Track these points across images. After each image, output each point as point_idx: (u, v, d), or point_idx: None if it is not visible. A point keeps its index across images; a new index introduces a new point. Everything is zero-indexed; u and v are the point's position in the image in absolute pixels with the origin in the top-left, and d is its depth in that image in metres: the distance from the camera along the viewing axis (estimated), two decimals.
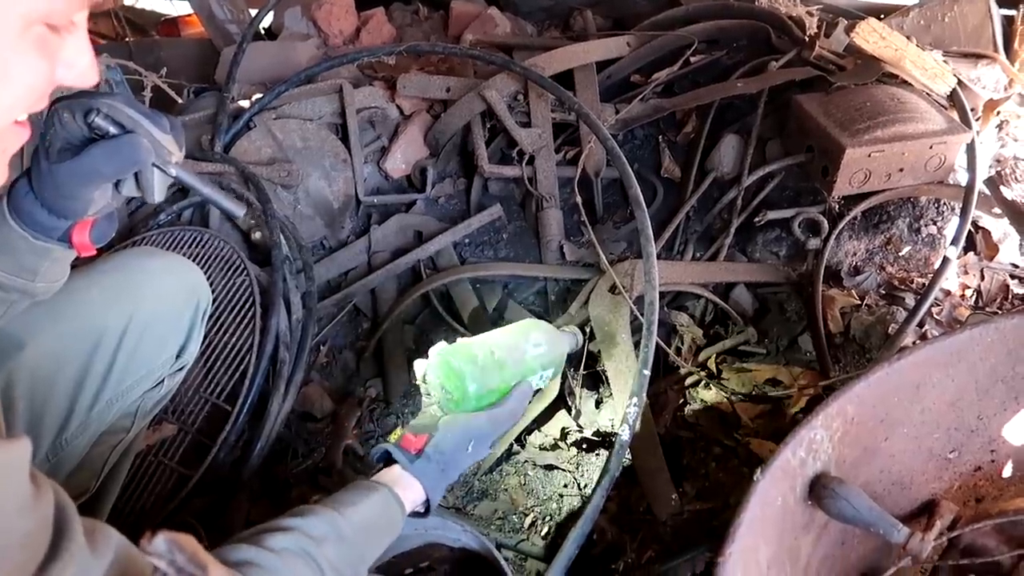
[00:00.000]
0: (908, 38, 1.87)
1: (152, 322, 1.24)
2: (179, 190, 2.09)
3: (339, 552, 0.81)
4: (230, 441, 1.58)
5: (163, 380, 1.32)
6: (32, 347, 1.12)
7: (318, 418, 1.80)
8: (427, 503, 1.08)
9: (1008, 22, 2.36)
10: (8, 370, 1.10)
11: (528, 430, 1.76)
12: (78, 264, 1.08)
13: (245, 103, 2.30)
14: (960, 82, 1.90)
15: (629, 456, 1.60)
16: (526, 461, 1.73)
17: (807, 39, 1.83)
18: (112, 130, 0.88)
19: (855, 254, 1.89)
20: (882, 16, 2.40)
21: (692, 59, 2.13)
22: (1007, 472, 1.25)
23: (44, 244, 0.94)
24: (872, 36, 1.80)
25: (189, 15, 3.32)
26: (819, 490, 1.12)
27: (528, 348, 1.21)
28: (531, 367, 1.23)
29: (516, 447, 1.76)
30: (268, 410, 1.61)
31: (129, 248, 1.48)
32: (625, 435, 1.35)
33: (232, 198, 1.00)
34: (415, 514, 1.09)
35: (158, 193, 0.94)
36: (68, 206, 0.92)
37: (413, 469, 1.05)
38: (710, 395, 1.72)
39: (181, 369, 1.36)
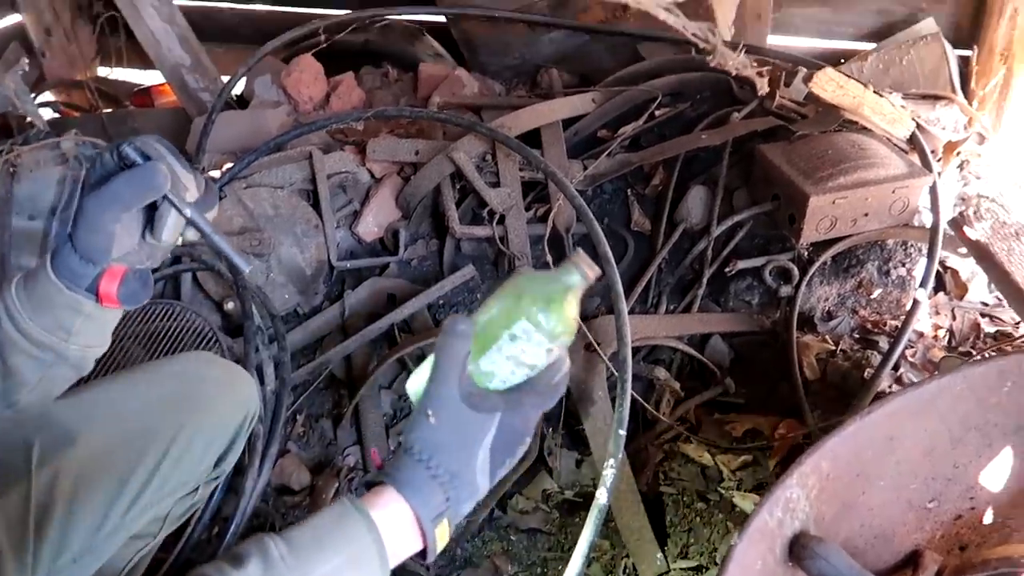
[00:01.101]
0: (866, 84, 1.90)
1: (200, 432, 1.25)
2: None
3: (265, 572, 0.72)
4: (205, 521, 1.55)
5: (198, 487, 1.32)
6: (83, 443, 1.12)
7: (296, 491, 1.77)
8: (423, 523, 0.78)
9: (964, 62, 2.43)
10: (56, 466, 1.09)
11: (509, 494, 1.74)
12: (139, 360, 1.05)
13: (216, 173, 2.30)
14: (919, 125, 1.94)
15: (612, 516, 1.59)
16: (508, 526, 1.71)
17: (765, 92, 1.87)
18: (139, 160, 0.92)
19: (827, 299, 1.90)
20: (843, 60, 2.47)
21: (657, 113, 2.16)
22: (988, 519, 1.24)
23: (75, 295, 0.95)
24: (830, 85, 1.83)
25: (162, 84, 3.34)
26: (799, 550, 1.10)
27: (538, 315, 0.82)
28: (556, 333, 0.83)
29: (498, 512, 1.74)
30: (243, 486, 1.59)
31: (191, 353, 1.50)
32: (603, 499, 1.33)
33: (240, 251, 0.99)
34: (420, 554, 0.79)
35: (168, 231, 0.95)
36: (93, 242, 0.92)
37: (380, 475, 0.79)
38: (691, 449, 1.71)
39: (217, 478, 1.36)
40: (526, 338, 0.80)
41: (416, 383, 0.84)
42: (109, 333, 1.03)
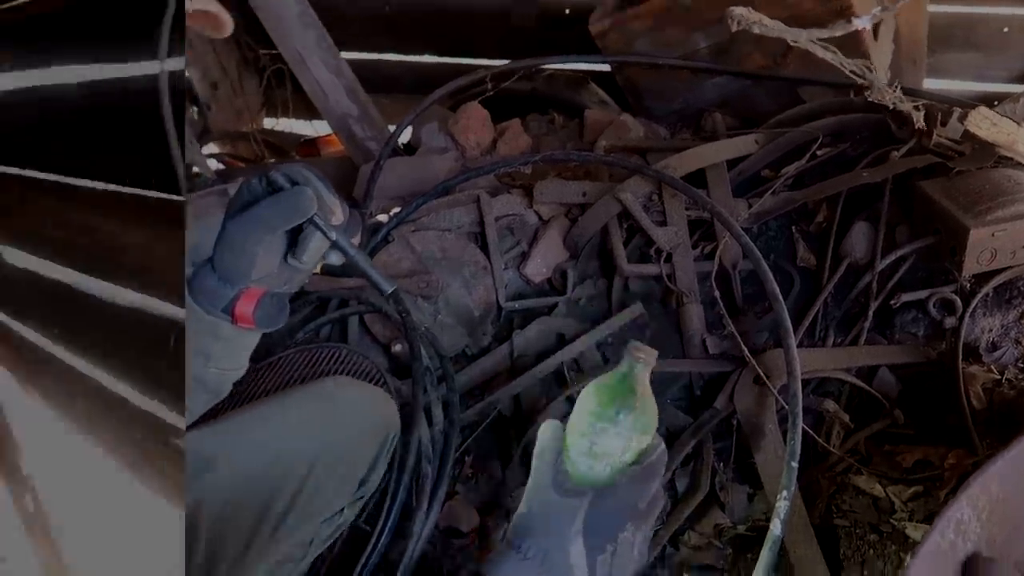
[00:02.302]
0: (1020, 122, 2.02)
1: (343, 454, 1.32)
2: (316, 307, 2.30)
3: None
4: (371, 565, 1.59)
5: (343, 509, 1.40)
6: (223, 467, 1.18)
7: (464, 532, 1.91)
8: None
9: None
10: (197, 490, 1.13)
11: (681, 530, 1.86)
12: (276, 389, 1.18)
13: (383, 217, 2.52)
14: None
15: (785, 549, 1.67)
16: (681, 563, 1.83)
17: (922, 125, 2.03)
18: (287, 185, 0.99)
19: (991, 330, 2.00)
20: (996, 102, 2.56)
21: (818, 152, 2.32)
22: None
23: (213, 319, 1.01)
24: (984, 123, 1.97)
25: (328, 135, 3.57)
26: (972, 573, 1.22)
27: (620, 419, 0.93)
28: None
29: (670, 548, 1.86)
30: (411, 528, 1.62)
31: (329, 377, 1.62)
32: (777, 530, 1.44)
33: (383, 274, 1.07)
34: None
35: (310, 254, 1.01)
36: (234, 263, 0.99)
37: (480, 568, 0.92)
38: (862, 481, 1.80)
39: (361, 498, 1.45)
40: (593, 433, 0.92)
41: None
42: (246, 357, 1.10)
